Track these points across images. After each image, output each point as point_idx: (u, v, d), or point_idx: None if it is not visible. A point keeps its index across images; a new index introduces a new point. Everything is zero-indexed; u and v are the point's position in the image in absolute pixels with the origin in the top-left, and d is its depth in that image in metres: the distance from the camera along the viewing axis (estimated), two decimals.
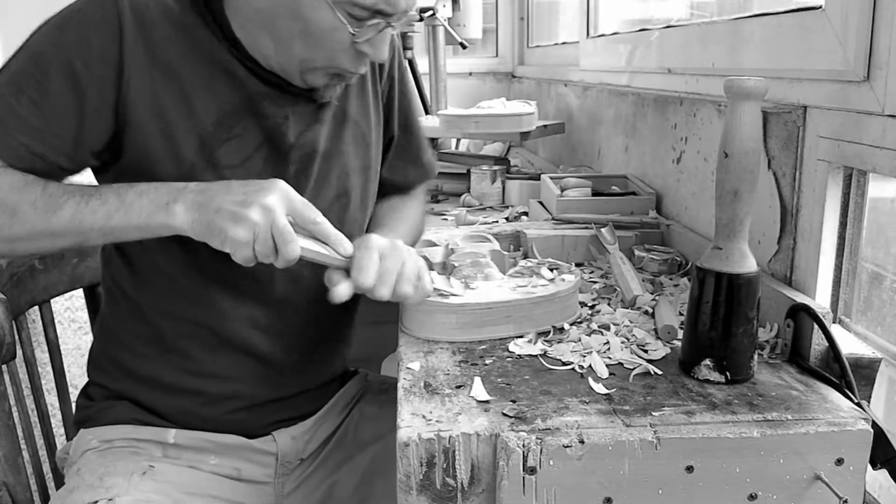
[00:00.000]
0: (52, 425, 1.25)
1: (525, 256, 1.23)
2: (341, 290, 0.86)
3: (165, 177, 0.90)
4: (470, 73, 3.03)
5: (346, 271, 0.87)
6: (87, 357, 1.10)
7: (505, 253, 1.14)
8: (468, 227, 1.41)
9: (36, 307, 1.22)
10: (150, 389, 1.02)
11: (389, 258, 0.87)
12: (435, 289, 0.94)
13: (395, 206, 1.17)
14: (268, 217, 0.81)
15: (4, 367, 1.12)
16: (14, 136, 0.85)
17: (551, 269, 1.03)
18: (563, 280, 0.98)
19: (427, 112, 2.29)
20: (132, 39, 0.88)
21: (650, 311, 0.99)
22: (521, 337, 0.92)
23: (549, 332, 0.93)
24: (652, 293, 1.06)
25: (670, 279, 1.13)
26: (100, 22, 0.87)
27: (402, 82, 1.14)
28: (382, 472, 1.10)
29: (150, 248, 0.96)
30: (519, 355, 0.88)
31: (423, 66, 2.28)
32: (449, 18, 2.16)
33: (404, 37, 2.16)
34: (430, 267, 1.04)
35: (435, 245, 1.19)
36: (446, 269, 1.05)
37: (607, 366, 0.83)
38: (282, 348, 1.02)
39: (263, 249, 0.82)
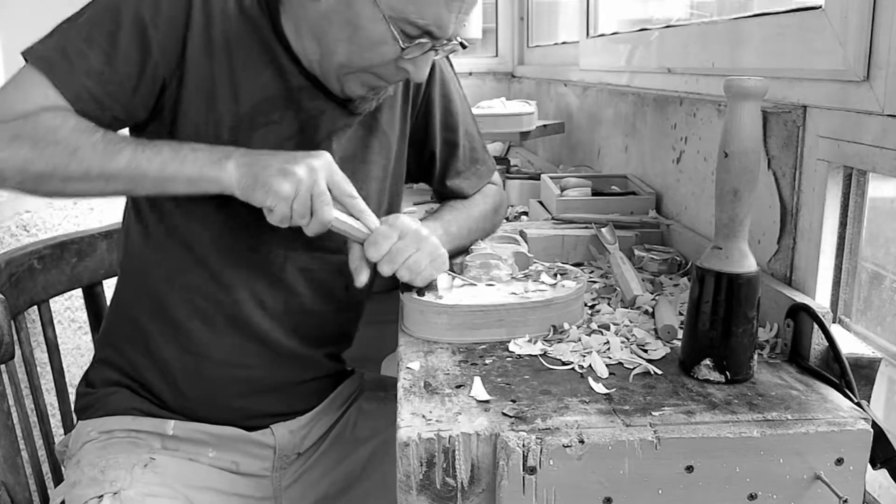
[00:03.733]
0: (52, 425, 1.25)
1: None
2: (363, 278, 0.92)
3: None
4: (470, 73, 3.03)
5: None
6: (86, 357, 1.10)
7: (530, 255, 1.13)
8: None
9: (35, 307, 1.22)
10: (154, 368, 1.03)
11: (405, 240, 0.91)
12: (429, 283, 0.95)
13: (458, 202, 1.18)
14: (312, 176, 0.86)
15: (3, 366, 1.12)
16: (80, 78, 0.89)
17: (558, 275, 1.02)
18: (563, 286, 0.97)
19: None
20: (198, 10, 0.92)
21: (650, 311, 0.99)
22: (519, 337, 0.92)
23: (549, 332, 0.93)
24: (652, 293, 1.06)
25: (670, 279, 1.13)
26: None
27: (444, 100, 1.15)
28: (380, 468, 1.10)
29: (171, 212, 0.98)
30: (519, 355, 0.88)
31: None
32: None
33: None
34: (451, 268, 1.04)
35: None
36: (461, 268, 1.05)
37: (607, 366, 0.83)
38: (283, 332, 1.03)
39: (301, 208, 0.86)
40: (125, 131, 0.97)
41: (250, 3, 0.95)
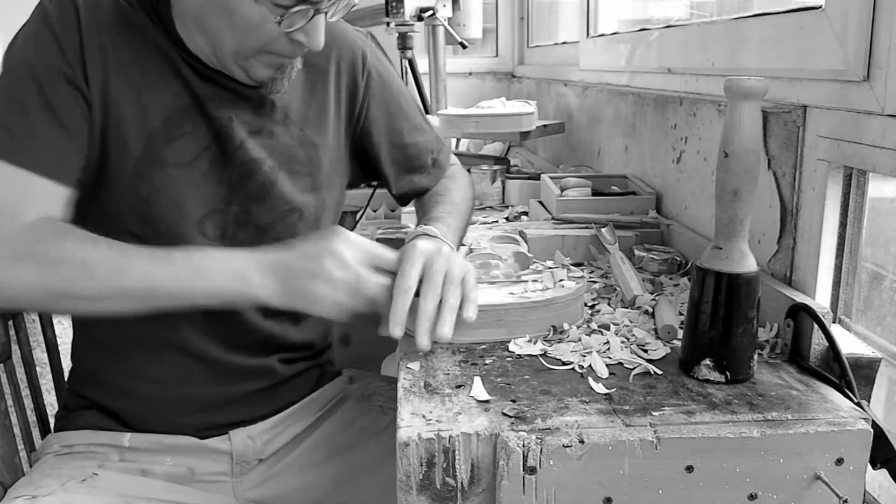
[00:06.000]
0: (51, 425, 1.25)
1: None
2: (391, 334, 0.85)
3: (115, 171, 0.92)
4: (470, 73, 3.03)
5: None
6: None
7: (530, 255, 1.13)
8: (496, 226, 1.42)
9: None
10: (109, 394, 1.03)
11: (434, 265, 0.86)
12: None
13: (435, 194, 1.16)
14: (341, 263, 0.83)
15: (1, 366, 1.12)
16: (54, 154, 0.87)
17: (555, 274, 1.02)
18: (563, 286, 0.97)
19: (427, 112, 2.29)
20: (88, 32, 0.89)
21: (650, 310, 0.99)
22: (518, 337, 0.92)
23: (549, 332, 0.93)
24: (652, 293, 1.06)
25: (670, 279, 1.13)
26: (59, 16, 0.89)
27: (383, 104, 1.12)
28: (358, 482, 1.08)
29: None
30: (519, 355, 0.88)
31: (423, 65, 2.29)
32: (449, 18, 2.16)
33: (404, 37, 2.16)
34: None
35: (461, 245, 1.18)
36: None
37: (607, 366, 0.83)
38: (222, 347, 1.01)
39: (345, 297, 0.84)
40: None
41: (135, 12, 0.93)
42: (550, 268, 1.05)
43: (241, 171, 0.98)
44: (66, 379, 1.11)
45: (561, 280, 1.00)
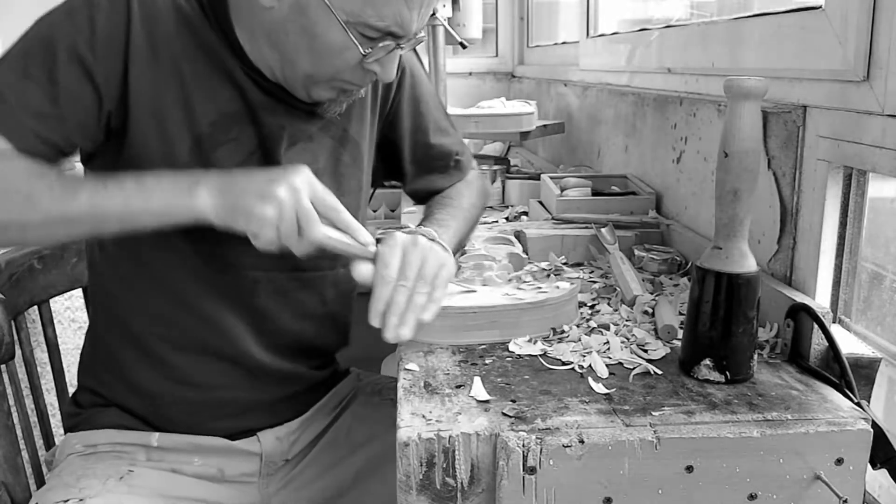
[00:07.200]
0: (52, 425, 1.25)
1: None
2: (363, 270, 0.85)
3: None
4: (470, 73, 3.03)
5: (370, 261, 0.86)
6: None
7: (524, 256, 1.13)
8: (495, 226, 1.42)
9: (35, 307, 1.22)
10: (135, 395, 1.02)
11: (411, 255, 0.86)
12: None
13: (445, 196, 1.16)
14: (294, 196, 0.81)
15: (3, 366, 1.12)
16: (23, 120, 0.84)
17: (550, 276, 1.02)
18: (557, 287, 0.97)
19: None
20: (138, 28, 0.87)
21: (650, 310, 0.99)
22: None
23: (549, 333, 0.93)
24: (652, 293, 1.06)
25: (670, 279, 1.13)
26: (107, 7, 0.86)
27: (414, 103, 1.12)
28: (376, 474, 1.09)
29: (136, 247, 0.95)
30: (519, 355, 0.88)
31: None
32: (449, 18, 2.16)
33: None
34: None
35: None
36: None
37: (607, 365, 0.83)
38: (261, 352, 1.01)
39: (287, 229, 0.81)
40: (79, 167, 0.94)
41: (194, 14, 0.90)
42: (545, 269, 1.05)
43: None
44: (76, 377, 1.09)
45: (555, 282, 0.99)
